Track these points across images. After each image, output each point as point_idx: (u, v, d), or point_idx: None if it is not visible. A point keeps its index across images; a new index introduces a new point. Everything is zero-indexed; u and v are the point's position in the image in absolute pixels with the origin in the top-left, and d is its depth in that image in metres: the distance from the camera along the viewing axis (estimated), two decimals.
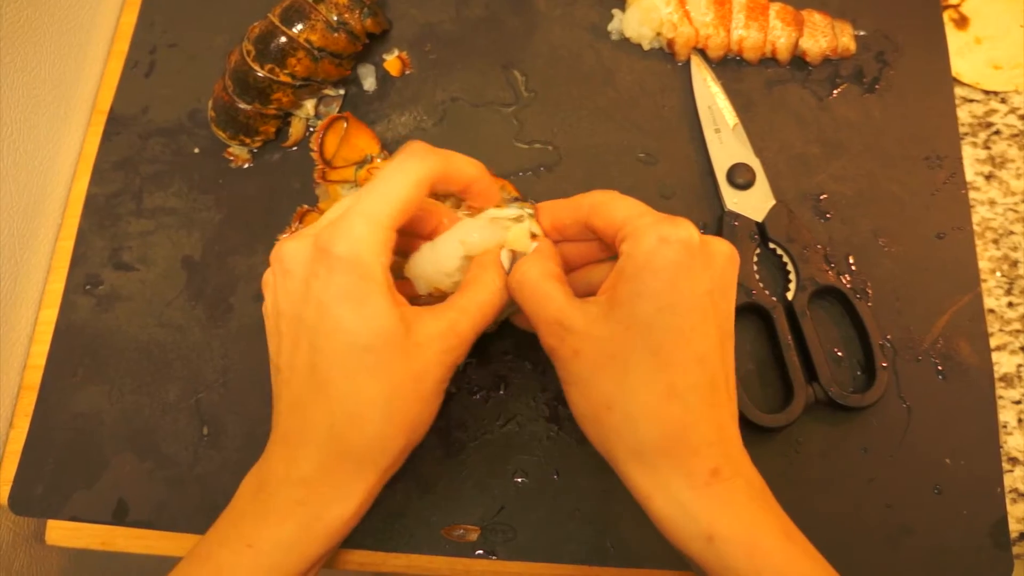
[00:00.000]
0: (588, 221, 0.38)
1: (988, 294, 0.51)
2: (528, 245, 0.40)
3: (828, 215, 0.51)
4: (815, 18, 0.55)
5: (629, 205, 0.36)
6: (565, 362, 0.36)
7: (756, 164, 0.51)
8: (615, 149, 0.53)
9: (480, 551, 0.45)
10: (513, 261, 0.40)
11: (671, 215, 0.36)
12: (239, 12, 0.57)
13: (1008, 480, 0.47)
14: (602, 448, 0.36)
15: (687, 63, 0.55)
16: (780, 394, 0.47)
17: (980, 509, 0.45)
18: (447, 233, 0.41)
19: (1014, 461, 0.48)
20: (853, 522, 0.45)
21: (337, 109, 0.54)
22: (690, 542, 0.33)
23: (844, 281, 0.48)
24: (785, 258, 0.49)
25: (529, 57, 0.56)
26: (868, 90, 0.54)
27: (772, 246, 0.49)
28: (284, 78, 0.50)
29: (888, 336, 0.48)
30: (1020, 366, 0.50)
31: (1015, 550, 0.45)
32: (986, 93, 0.56)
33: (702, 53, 0.55)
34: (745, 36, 0.54)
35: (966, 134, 0.55)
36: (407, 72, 0.56)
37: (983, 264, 0.52)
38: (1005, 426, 0.48)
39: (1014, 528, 0.46)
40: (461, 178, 0.38)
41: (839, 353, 0.48)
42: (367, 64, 0.56)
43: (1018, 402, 0.49)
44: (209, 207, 0.53)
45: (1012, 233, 0.53)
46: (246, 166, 0.54)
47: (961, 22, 0.58)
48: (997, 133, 0.55)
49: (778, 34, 0.54)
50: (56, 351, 0.50)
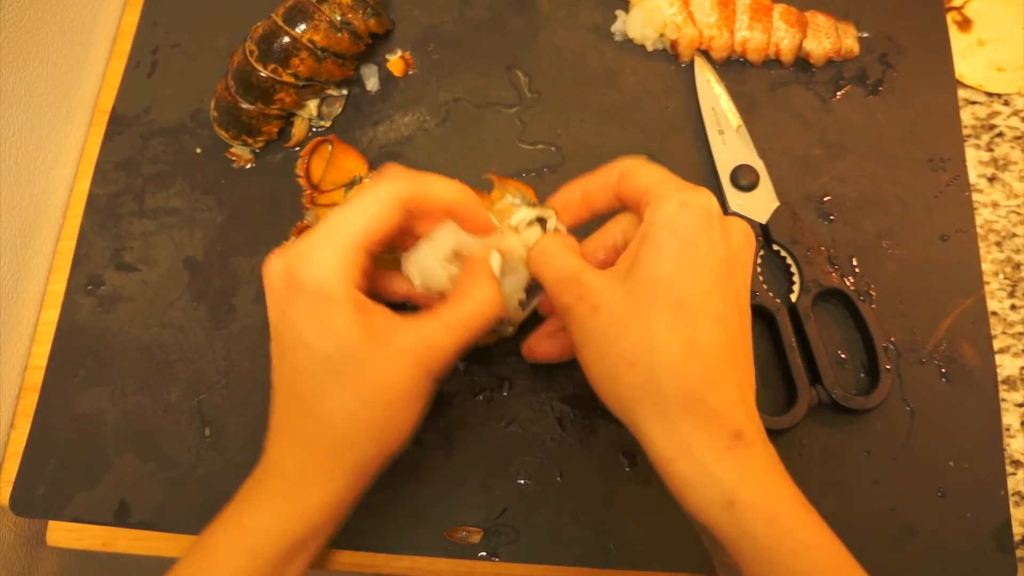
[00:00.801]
0: (618, 188, 0.39)
1: (991, 297, 0.51)
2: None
3: (832, 217, 0.51)
4: (819, 20, 0.55)
5: (655, 172, 0.37)
6: (583, 320, 0.36)
7: (760, 166, 0.51)
8: (618, 150, 0.53)
9: (483, 553, 0.45)
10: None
11: (693, 184, 0.37)
12: (242, 12, 0.57)
13: (1012, 483, 0.47)
14: (621, 408, 0.36)
15: (691, 64, 0.55)
16: (784, 396, 0.47)
17: (984, 512, 0.45)
18: (439, 230, 0.41)
19: (1017, 464, 0.48)
20: (856, 525, 0.45)
21: (340, 109, 0.54)
22: (709, 507, 0.33)
23: (848, 283, 0.48)
24: (789, 260, 0.48)
25: (532, 58, 0.56)
26: (872, 92, 0.54)
27: (776, 248, 0.49)
28: (287, 78, 0.50)
29: (892, 338, 0.48)
30: (1023, 369, 0.50)
31: (1019, 553, 0.45)
32: (989, 95, 0.56)
33: (706, 54, 0.55)
34: (749, 37, 0.54)
35: (969, 136, 0.55)
36: (410, 72, 0.56)
37: (986, 267, 0.52)
38: (1008, 429, 0.48)
39: (1018, 531, 0.45)
40: (439, 200, 0.39)
41: (843, 355, 0.48)
42: (370, 64, 0.56)
43: (1021, 405, 0.49)
44: (211, 207, 0.53)
45: (1015, 235, 0.53)
46: (248, 166, 0.54)
47: (964, 24, 0.58)
48: (1000, 135, 0.55)
49: (782, 35, 0.54)
50: (58, 352, 0.50)
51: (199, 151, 0.54)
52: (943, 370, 0.48)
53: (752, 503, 0.32)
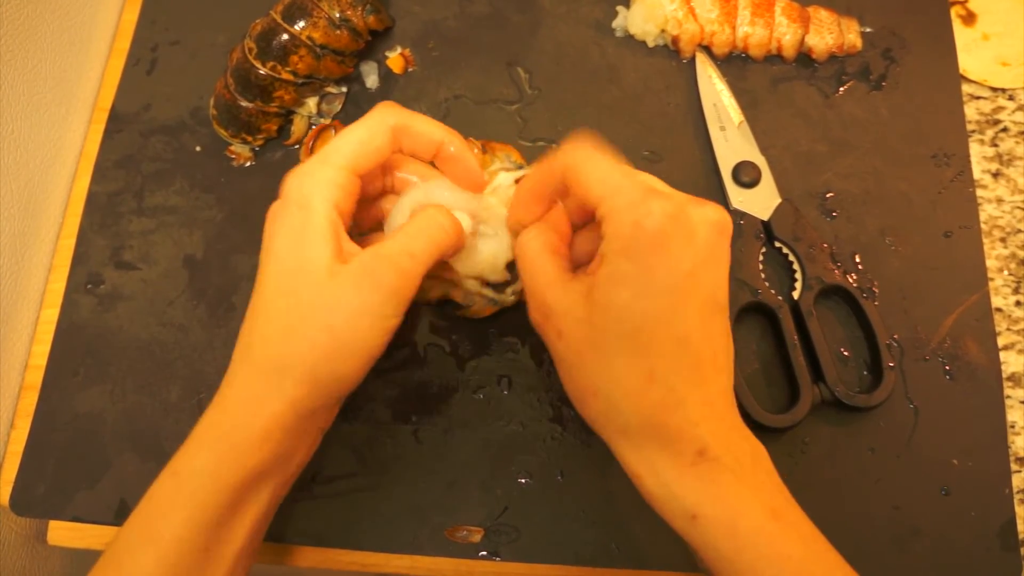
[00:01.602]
0: (569, 187, 0.37)
1: (995, 293, 0.51)
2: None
3: (834, 213, 0.51)
4: (821, 15, 0.54)
5: (604, 177, 0.35)
6: (551, 343, 0.37)
7: (762, 162, 0.50)
8: (619, 147, 0.51)
9: (484, 552, 0.45)
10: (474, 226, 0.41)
11: (650, 186, 0.35)
12: (241, 9, 0.56)
13: (1016, 481, 0.46)
14: (593, 427, 0.37)
15: (692, 60, 0.54)
16: (786, 394, 0.47)
17: (988, 510, 0.45)
18: (414, 189, 0.42)
19: (1022, 462, 0.47)
20: (860, 523, 0.45)
21: (340, 107, 0.54)
22: (675, 519, 0.34)
23: (851, 280, 0.48)
24: (791, 257, 0.48)
25: (533, 54, 0.56)
26: (875, 87, 0.54)
27: (778, 245, 0.49)
28: (286, 76, 0.50)
29: (895, 336, 0.48)
30: None
31: None
32: (993, 90, 0.56)
33: (707, 50, 0.54)
34: (751, 33, 0.53)
35: (973, 131, 0.55)
36: (410, 70, 0.56)
37: (990, 263, 0.51)
38: (1013, 426, 0.48)
39: (1022, 529, 0.45)
40: (426, 134, 0.40)
41: (845, 353, 0.47)
42: (370, 61, 0.55)
43: None
44: (211, 206, 0.53)
45: (1019, 231, 0.52)
46: (248, 164, 0.53)
47: (968, 18, 0.58)
48: (1004, 130, 0.55)
49: (784, 31, 0.53)
50: (57, 351, 0.50)
51: (199, 149, 0.54)
52: (947, 367, 0.47)
53: (713, 518, 0.33)
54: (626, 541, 0.44)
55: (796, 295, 0.47)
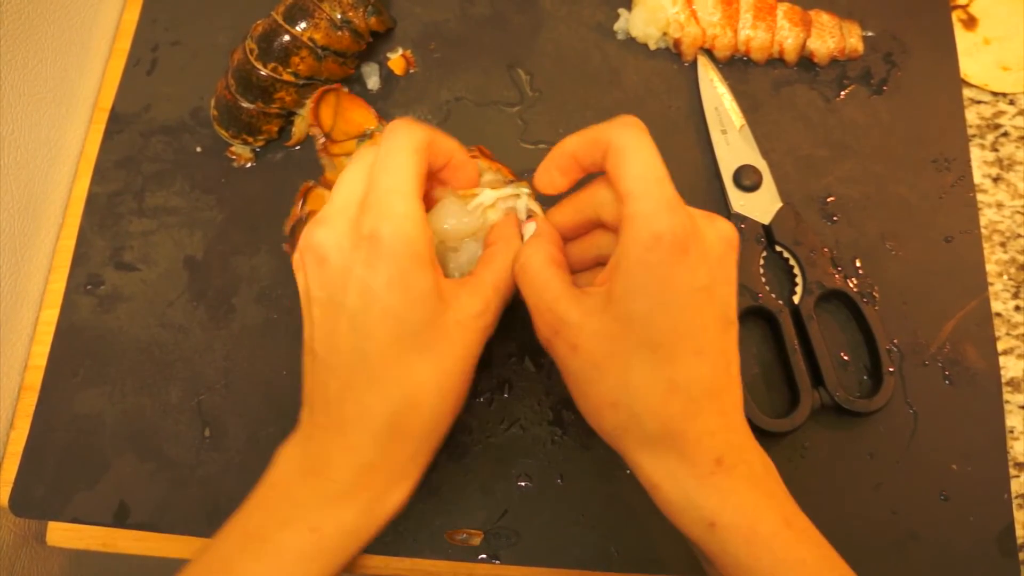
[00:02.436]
0: (604, 165, 0.36)
1: (995, 297, 0.51)
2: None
3: (835, 218, 0.51)
4: (823, 18, 0.54)
5: (642, 174, 0.34)
6: (563, 358, 0.36)
7: (763, 166, 0.50)
8: None
9: (483, 555, 0.45)
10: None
11: (674, 199, 0.34)
12: (242, 10, 0.56)
13: (1015, 486, 0.46)
14: (609, 439, 0.36)
15: (694, 63, 0.54)
16: (786, 399, 0.47)
17: (987, 515, 0.45)
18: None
19: (1021, 467, 0.47)
20: (859, 528, 0.45)
21: None
22: (693, 527, 0.34)
23: (851, 285, 0.48)
24: (792, 261, 0.48)
25: (534, 56, 0.56)
26: (876, 92, 0.54)
27: (779, 249, 0.49)
28: (287, 77, 0.50)
29: (895, 340, 0.48)
30: None
31: (1022, 557, 0.45)
32: (994, 94, 0.56)
33: (709, 53, 0.54)
34: (752, 36, 0.53)
35: (974, 136, 0.55)
36: (411, 71, 0.55)
37: (990, 267, 0.51)
38: (1012, 431, 0.48)
39: (1021, 535, 0.45)
40: (445, 148, 0.39)
41: (845, 357, 0.48)
42: (371, 63, 0.55)
43: None
44: (211, 207, 0.52)
45: (1020, 236, 0.52)
46: (249, 165, 0.53)
47: (970, 23, 0.58)
48: (1005, 135, 0.55)
49: (785, 34, 0.53)
50: (57, 351, 0.50)
51: (199, 150, 0.54)
52: (947, 372, 0.47)
53: (731, 525, 0.33)
54: (626, 545, 0.44)
55: (796, 299, 0.47)
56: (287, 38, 0.49)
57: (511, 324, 0.47)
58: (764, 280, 0.48)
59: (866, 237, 0.50)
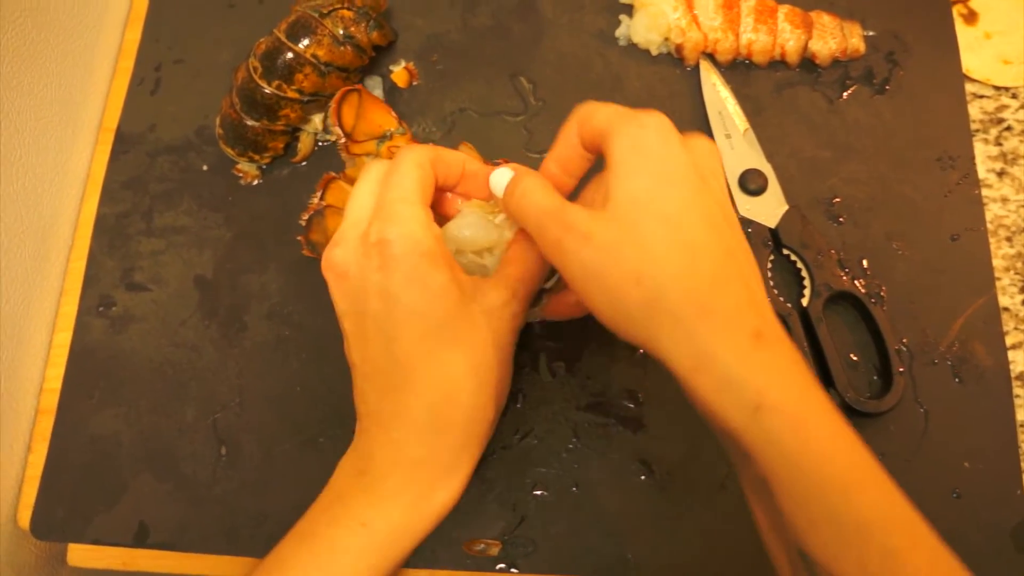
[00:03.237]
0: (580, 137, 0.38)
1: (1002, 292, 0.51)
2: None
3: (841, 219, 0.51)
4: (824, 19, 0.54)
5: (608, 108, 0.36)
6: (576, 251, 0.34)
7: (768, 169, 0.50)
8: None
9: (501, 565, 0.45)
10: None
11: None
12: (244, 27, 0.56)
13: None
14: (634, 329, 0.34)
15: (696, 68, 0.55)
16: None
17: (1000, 512, 0.45)
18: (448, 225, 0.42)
19: None
20: None
21: None
22: (736, 413, 0.31)
23: (859, 286, 0.48)
24: (799, 264, 0.48)
25: (537, 65, 0.56)
26: (878, 91, 0.54)
27: (786, 252, 0.49)
28: (292, 94, 0.50)
29: (904, 340, 0.48)
30: None
31: None
32: (997, 89, 0.56)
33: (711, 57, 0.54)
34: (754, 40, 0.53)
35: (977, 131, 0.55)
36: (414, 83, 0.56)
37: (996, 262, 0.51)
38: (1023, 426, 0.48)
39: None
40: (453, 160, 0.40)
41: (855, 358, 0.48)
42: (374, 76, 0.55)
43: None
44: (219, 225, 0.53)
45: None
46: (255, 183, 0.54)
47: (970, 17, 0.58)
48: (1008, 129, 0.55)
49: (787, 37, 0.53)
50: (71, 374, 0.50)
51: (205, 168, 0.54)
52: (956, 370, 0.48)
53: (778, 408, 0.31)
54: (642, 551, 0.45)
55: (805, 302, 0.48)
56: (290, 55, 0.49)
57: (522, 335, 0.48)
58: (772, 283, 0.48)
59: (872, 238, 0.50)
